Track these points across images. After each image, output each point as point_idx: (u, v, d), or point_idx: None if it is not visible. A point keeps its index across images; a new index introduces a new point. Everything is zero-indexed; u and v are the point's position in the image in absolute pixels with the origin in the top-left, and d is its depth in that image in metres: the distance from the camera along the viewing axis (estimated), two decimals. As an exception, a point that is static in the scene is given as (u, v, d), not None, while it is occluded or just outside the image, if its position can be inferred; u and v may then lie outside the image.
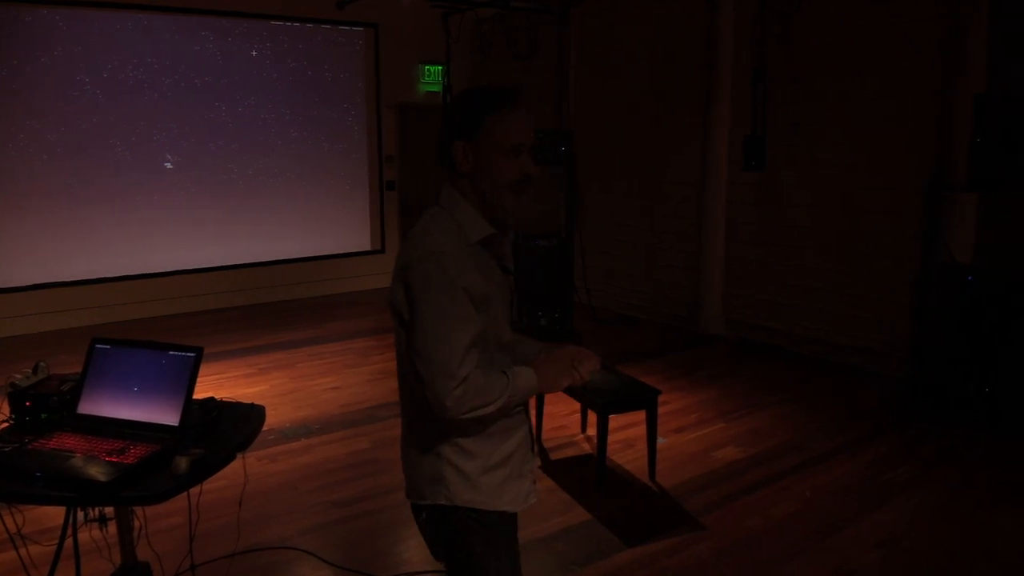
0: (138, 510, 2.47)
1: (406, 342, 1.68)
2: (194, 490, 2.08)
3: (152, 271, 7.42)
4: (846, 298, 5.74)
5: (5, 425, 2.23)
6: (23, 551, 2.51)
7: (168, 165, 7.42)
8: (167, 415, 2.12)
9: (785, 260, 6.15)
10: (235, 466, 2.22)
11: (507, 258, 1.82)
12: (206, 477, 2.00)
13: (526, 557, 3.22)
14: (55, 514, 2.91)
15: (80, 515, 2.44)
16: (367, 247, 8.72)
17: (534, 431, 4.34)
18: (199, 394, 2.22)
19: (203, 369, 2.20)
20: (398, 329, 1.71)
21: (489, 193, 1.69)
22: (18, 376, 2.32)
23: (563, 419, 4.71)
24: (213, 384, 5.20)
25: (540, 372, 1.74)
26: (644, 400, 3.91)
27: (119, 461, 1.92)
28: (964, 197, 4.88)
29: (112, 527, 2.42)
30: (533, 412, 4.41)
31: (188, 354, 2.18)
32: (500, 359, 1.74)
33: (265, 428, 2.47)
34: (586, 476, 3.97)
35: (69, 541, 2.43)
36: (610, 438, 3.97)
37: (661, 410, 4.11)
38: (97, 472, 1.87)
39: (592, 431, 4.34)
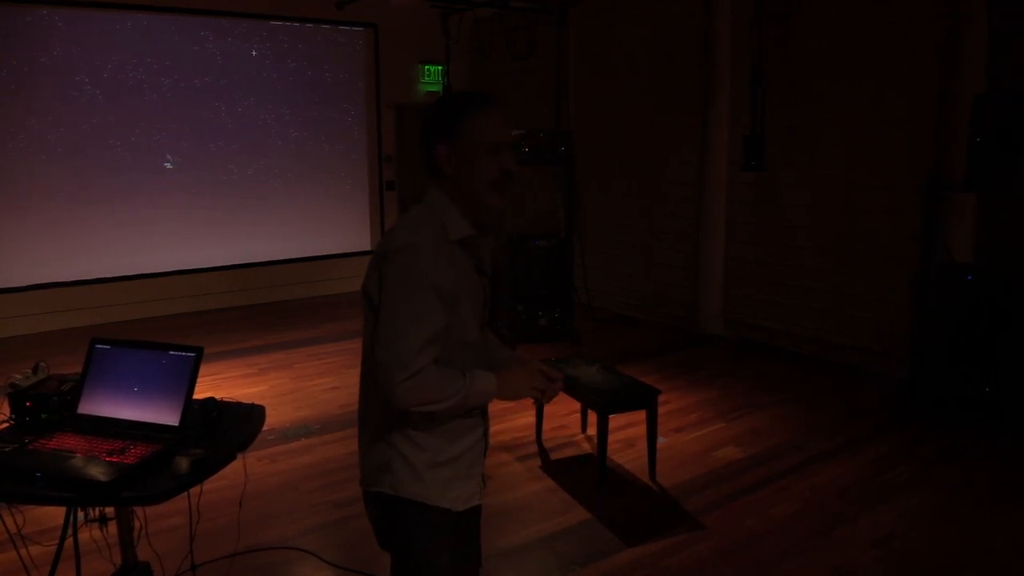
0: (138, 510, 2.47)
1: (372, 326, 1.71)
2: (194, 490, 2.08)
3: (152, 271, 7.41)
4: (845, 298, 5.74)
5: (5, 425, 2.23)
6: (23, 551, 2.51)
7: (168, 165, 7.42)
8: (167, 415, 2.12)
9: (784, 260, 6.15)
10: (235, 466, 2.22)
11: (484, 261, 1.84)
12: (206, 477, 2.00)
13: (527, 557, 3.24)
14: (55, 514, 2.91)
15: (80, 515, 2.44)
16: (367, 247, 8.72)
17: (535, 432, 4.35)
18: (199, 394, 2.22)
19: (203, 369, 2.20)
20: (366, 312, 1.74)
21: (474, 192, 1.73)
22: (18, 376, 2.32)
23: (563, 419, 4.71)
24: (212, 384, 5.19)
25: (503, 380, 1.77)
26: (644, 400, 3.91)
27: (119, 461, 1.92)
28: (963, 197, 4.88)
29: (112, 527, 2.42)
30: (533, 412, 4.44)
31: (188, 354, 2.18)
32: (464, 358, 1.76)
33: (265, 428, 2.47)
34: (586, 476, 3.97)
35: (69, 541, 2.42)
36: (610, 438, 3.97)
37: (661, 410, 4.11)
38: (97, 472, 1.87)
39: (592, 431, 4.34)
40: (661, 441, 4.25)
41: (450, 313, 1.68)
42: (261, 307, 7.85)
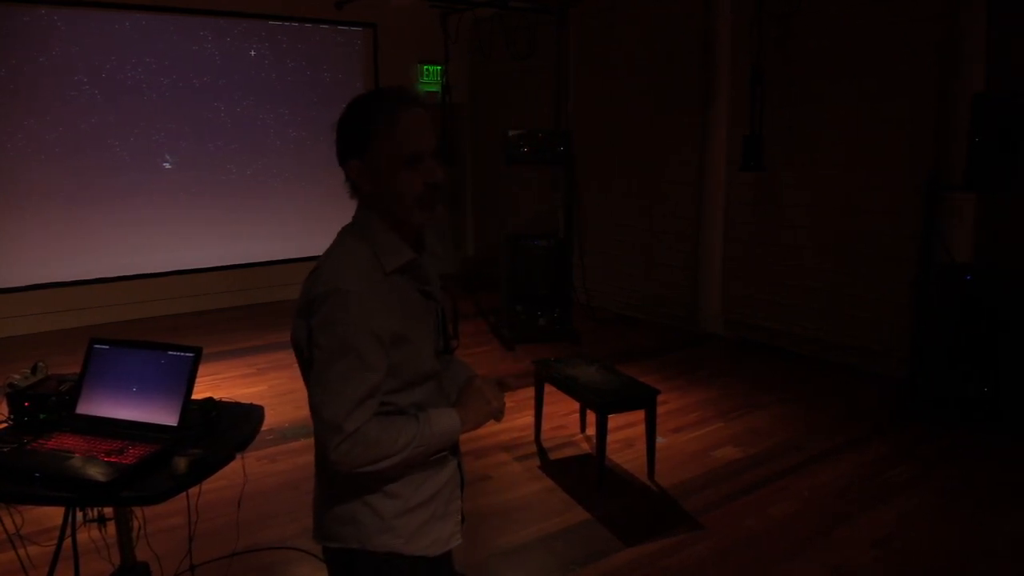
0: (137, 510, 2.47)
1: (307, 381, 1.54)
2: (193, 490, 2.08)
3: (151, 271, 7.40)
4: (845, 298, 5.74)
5: (4, 425, 2.23)
6: (22, 551, 2.50)
7: (167, 165, 7.41)
8: (166, 415, 2.12)
9: (784, 260, 6.15)
10: (234, 466, 2.21)
11: (432, 282, 1.64)
12: (205, 477, 2.00)
13: (526, 557, 3.24)
14: (54, 514, 2.91)
15: (79, 515, 2.44)
16: (366, 247, 8.71)
17: (534, 432, 4.34)
18: (197, 394, 2.21)
19: (201, 369, 2.20)
20: (300, 365, 1.57)
21: (396, 212, 1.54)
22: (17, 376, 2.31)
23: (562, 419, 4.70)
24: (211, 384, 5.19)
25: (466, 411, 1.61)
26: (643, 400, 3.90)
27: (118, 461, 1.92)
28: (962, 197, 4.88)
29: (111, 527, 2.42)
30: (532, 412, 4.43)
31: (187, 354, 2.17)
32: (425, 392, 1.60)
33: (264, 428, 2.46)
34: (585, 476, 3.97)
35: (68, 542, 2.42)
36: (609, 438, 3.97)
37: (660, 410, 4.11)
38: (96, 472, 1.87)
39: (591, 431, 4.33)
40: (660, 441, 4.25)
41: (398, 353, 1.51)
42: (260, 307, 7.84)
